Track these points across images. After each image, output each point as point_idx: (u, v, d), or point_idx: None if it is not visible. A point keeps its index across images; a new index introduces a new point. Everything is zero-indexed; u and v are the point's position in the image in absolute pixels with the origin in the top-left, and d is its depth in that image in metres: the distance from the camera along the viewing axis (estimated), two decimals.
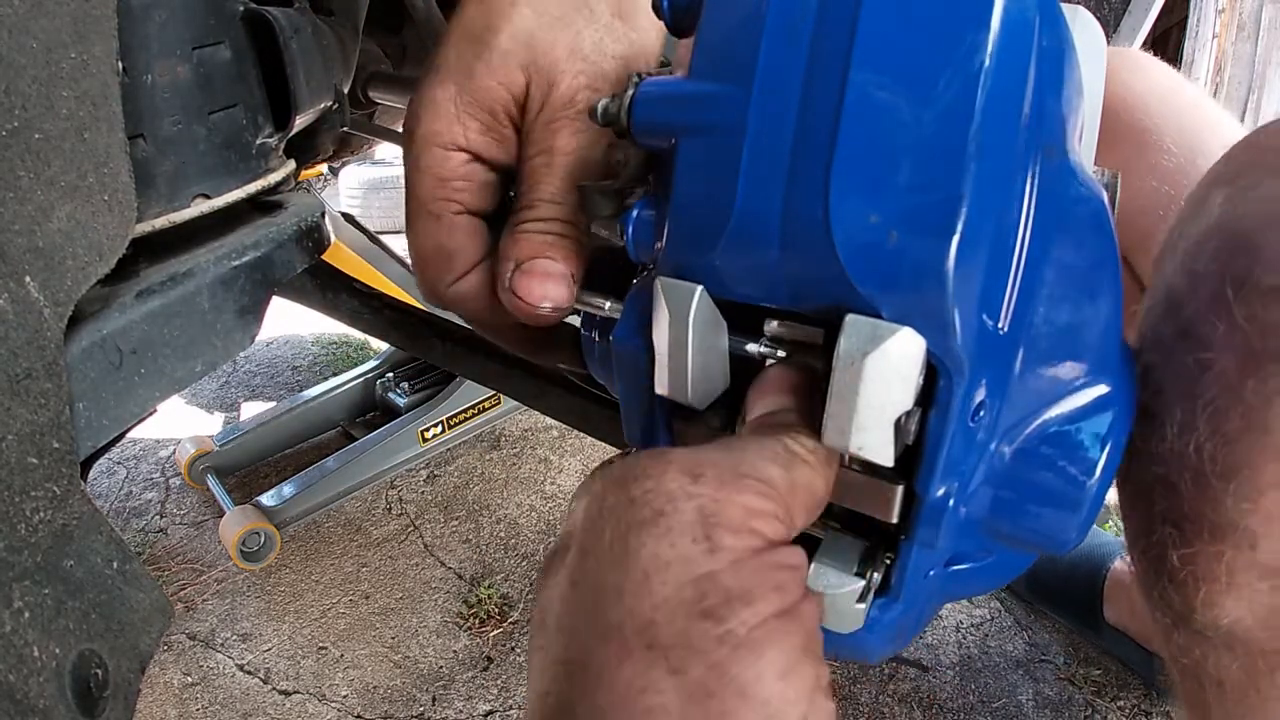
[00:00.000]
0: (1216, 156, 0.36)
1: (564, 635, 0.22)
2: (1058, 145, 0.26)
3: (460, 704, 1.05)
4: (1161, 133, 0.66)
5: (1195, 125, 0.66)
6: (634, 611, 0.20)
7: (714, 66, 0.26)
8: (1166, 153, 0.65)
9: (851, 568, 0.28)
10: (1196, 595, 0.32)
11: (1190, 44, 2.75)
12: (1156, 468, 0.32)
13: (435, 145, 0.34)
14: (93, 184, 0.30)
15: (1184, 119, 0.66)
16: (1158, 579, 0.34)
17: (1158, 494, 0.32)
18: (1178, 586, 0.32)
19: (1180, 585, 0.32)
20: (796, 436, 0.25)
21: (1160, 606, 0.35)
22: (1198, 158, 0.64)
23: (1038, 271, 0.26)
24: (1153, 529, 0.33)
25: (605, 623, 0.21)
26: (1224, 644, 0.34)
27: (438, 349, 0.72)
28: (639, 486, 0.22)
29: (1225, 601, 0.31)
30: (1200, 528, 0.31)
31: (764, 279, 0.26)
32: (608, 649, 0.20)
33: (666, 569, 0.21)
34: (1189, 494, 0.31)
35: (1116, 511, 1.30)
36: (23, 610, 0.26)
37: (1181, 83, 0.70)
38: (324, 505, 1.39)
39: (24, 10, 0.26)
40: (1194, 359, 0.30)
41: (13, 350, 0.26)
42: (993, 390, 0.26)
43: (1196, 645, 0.35)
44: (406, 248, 0.38)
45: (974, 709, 1.01)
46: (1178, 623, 0.35)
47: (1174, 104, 0.67)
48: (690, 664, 0.20)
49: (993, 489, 0.29)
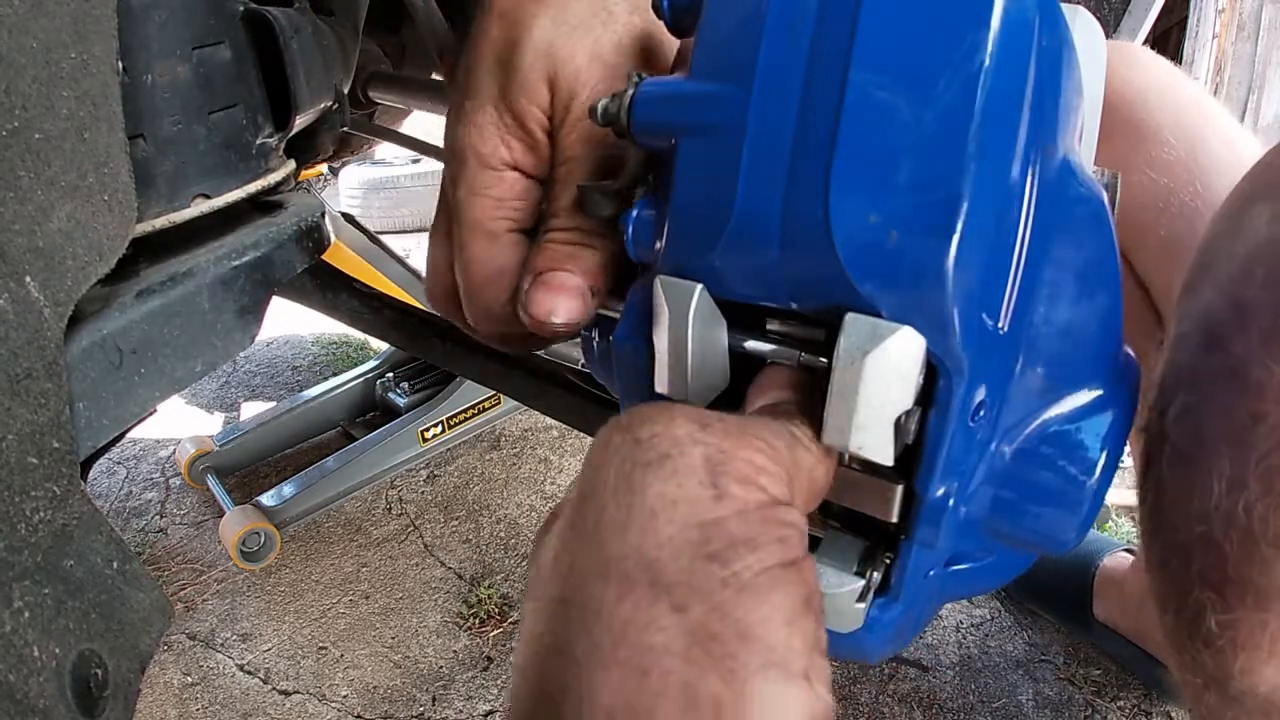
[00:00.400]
0: (1217, 151, 0.35)
1: (560, 576, 0.21)
2: (1058, 145, 0.26)
3: (460, 704, 1.05)
4: (1160, 126, 0.65)
5: (1195, 119, 0.65)
6: (639, 548, 0.20)
7: (714, 66, 0.26)
8: (1165, 145, 0.64)
9: (851, 567, 0.28)
10: (1235, 662, 0.30)
11: (1190, 44, 2.75)
12: (1198, 525, 0.30)
13: (488, 168, 0.34)
14: (93, 184, 0.30)
15: (1183, 113, 0.66)
16: (1191, 641, 0.32)
17: (1197, 552, 0.30)
18: (1214, 652, 0.31)
19: (1218, 651, 0.31)
20: (799, 424, 0.25)
21: (1191, 668, 0.33)
22: (1198, 151, 0.63)
23: (1038, 271, 0.26)
24: (1189, 589, 0.31)
25: (605, 558, 0.20)
26: (1260, 710, 0.32)
27: (438, 349, 0.72)
28: (646, 430, 0.22)
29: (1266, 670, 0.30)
30: (1244, 593, 0.29)
31: (764, 279, 0.26)
32: (608, 586, 0.20)
33: (673, 508, 0.21)
34: (1234, 556, 0.28)
35: (1116, 512, 1.31)
36: (23, 610, 0.26)
37: (1180, 78, 0.69)
38: (324, 505, 1.39)
39: (24, 10, 0.26)
40: (1246, 408, 0.27)
41: (13, 350, 0.26)
42: (993, 390, 0.26)
43: (1229, 709, 0.33)
44: (440, 269, 0.37)
45: (974, 709, 1.01)
46: (1209, 684, 0.33)
47: (1172, 98, 0.67)
48: (693, 603, 0.19)
49: (992, 489, 0.29)
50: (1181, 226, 0.63)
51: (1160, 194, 0.63)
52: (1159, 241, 0.63)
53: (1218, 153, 0.64)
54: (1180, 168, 0.63)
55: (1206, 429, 0.29)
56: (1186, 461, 0.30)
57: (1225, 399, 0.29)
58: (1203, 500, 0.29)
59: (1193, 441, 0.30)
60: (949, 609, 1.16)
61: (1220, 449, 0.29)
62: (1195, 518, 0.30)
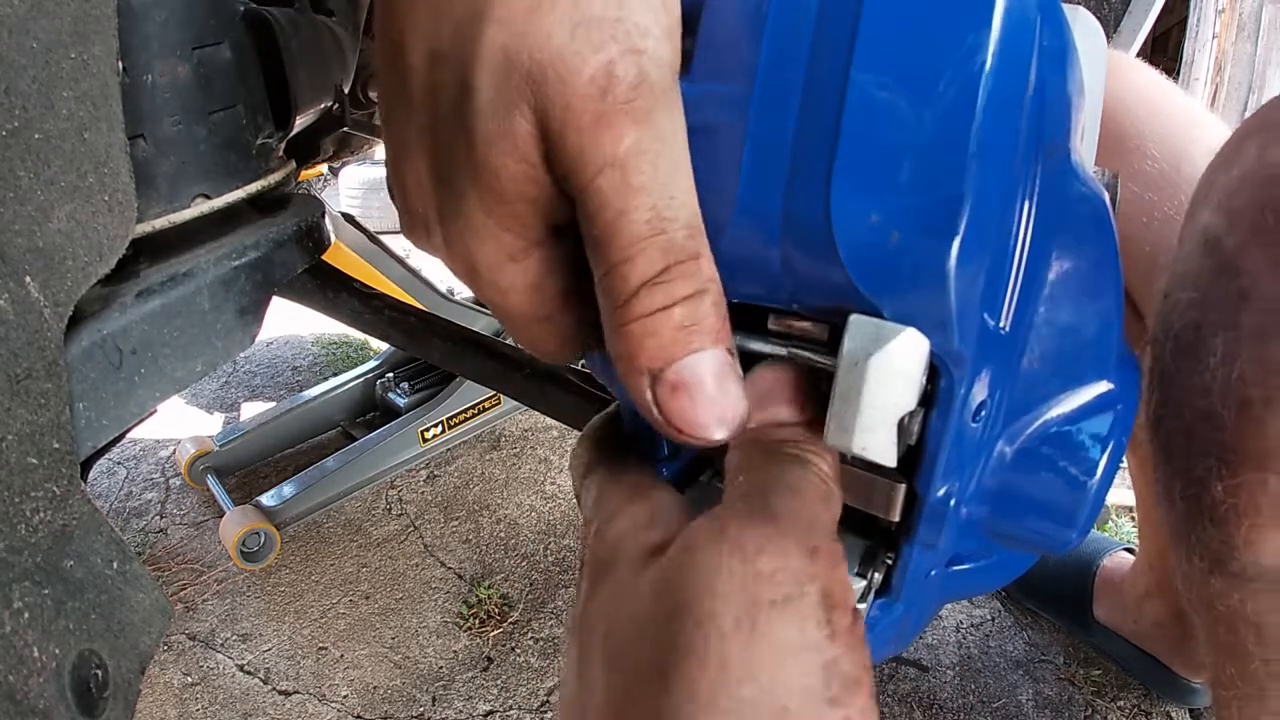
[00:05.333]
0: (1201, 165, 0.37)
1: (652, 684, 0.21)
2: (1059, 145, 0.26)
3: (460, 704, 1.05)
4: (1144, 138, 0.65)
5: (1179, 131, 0.65)
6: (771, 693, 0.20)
7: (715, 67, 0.26)
8: (1149, 158, 0.64)
9: (852, 568, 0.28)
10: (1239, 531, 0.32)
11: (1190, 44, 2.74)
12: (1198, 401, 0.32)
13: None
14: (93, 184, 0.30)
15: (1168, 124, 0.66)
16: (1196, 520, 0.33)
17: (1199, 428, 0.32)
18: (1218, 524, 0.32)
19: (1221, 522, 0.32)
20: (818, 455, 0.25)
21: (1197, 550, 0.34)
22: (1182, 164, 0.63)
23: (1039, 271, 0.26)
24: (1192, 466, 0.33)
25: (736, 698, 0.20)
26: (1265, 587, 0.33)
27: (438, 349, 0.72)
28: (766, 562, 0.21)
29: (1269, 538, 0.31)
30: (1244, 456, 0.30)
31: (765, 279, 0.26)
32: None
33: (801, 654, 0.21)
34: (1233, 423, 0.30)
35: (1116, 512, 1.31)
36: (23, 611, 0.26)
37: (1166, 88, 0.69)
38: (324, 505, 1.39)
39: (24, 10, 0.26)
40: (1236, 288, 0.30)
41: (13, 350, 0.26)
42: (994, 390, 0.26)
43: (1235, 590, 0.35)
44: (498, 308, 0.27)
45: (974, 709, 1.01)
46: (1215, 567, 0.35)
47: (1158, 109, 0.67)
48: None
49: (994, 489, 0.29)
50: (1164, 239, 0.62)
51: (1144, 207, 0.63)
52: (1143, 256, 0.63)
53: (1201, 166, 0.63)
54: (1163, 180, 0.63)
55: (1204, 318, 0.32)
56: (1187, 350, 0.32)
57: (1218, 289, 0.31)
58: (1201, 378, 0.31)
59: (1192, 331, 0.32)
60: (949, 609, 1.16)
61: (1216, 331, 0.31)
62: (1197, 394, 0.32)
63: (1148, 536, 0.96)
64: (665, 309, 0.22)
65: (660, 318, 0.22)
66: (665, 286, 0.22)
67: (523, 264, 0.24)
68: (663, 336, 0.22)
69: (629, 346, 0.22)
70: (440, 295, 1.57)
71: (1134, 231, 0.63)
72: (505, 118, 0.21)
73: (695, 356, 0.22)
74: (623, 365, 0.23)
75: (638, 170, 0.22)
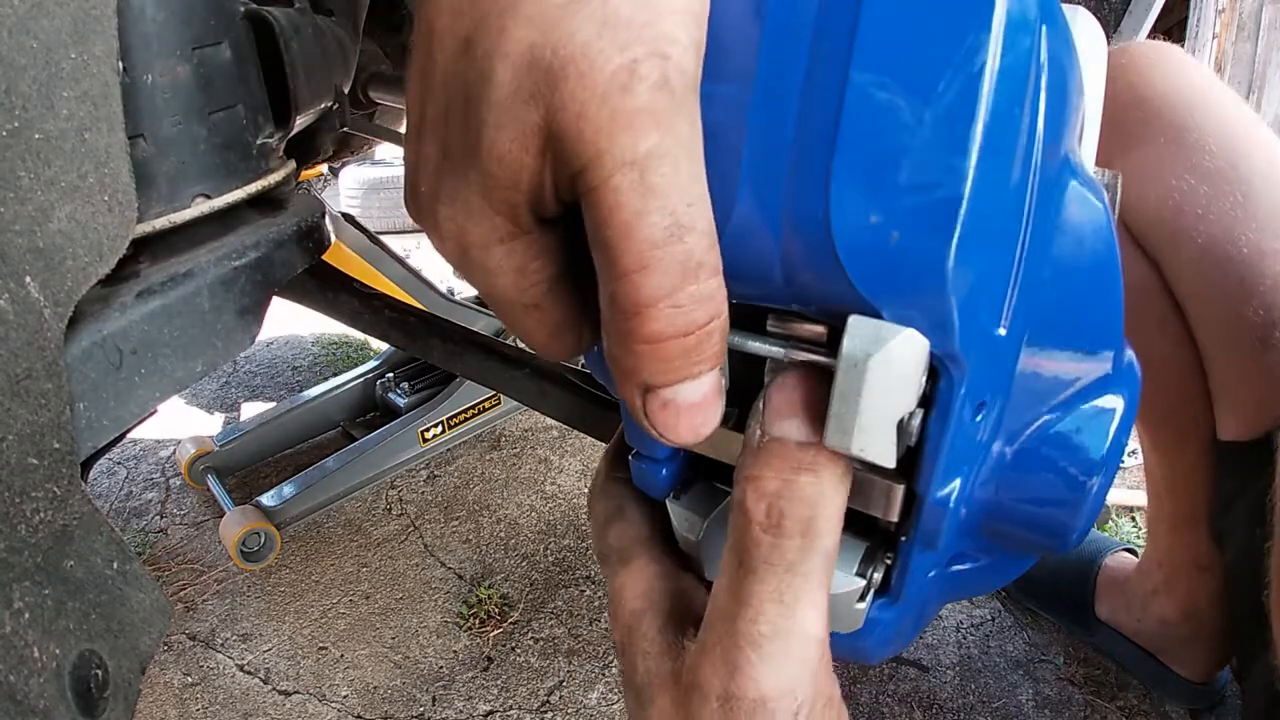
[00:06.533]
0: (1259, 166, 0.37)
1: None
2: (1058, 145, 0.26)
3: (460, 704, 1.05)
4: (1203, 132, 0.66)
5: (1238, 130, 0.67)
6: None
7: (714, 67, 0.26)
8: (1208, 154, 0.65)
9: (851, 568, 0.28)
10: None
11: (1190, 44, 2.74)
12: None
13: None
14: (93, 184, 0.30)
15: (1227, 123, 0.67)
16: None
17: None
18: None
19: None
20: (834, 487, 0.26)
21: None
22: (1239, 163, 0.65)
23: (1038, 272, 0.26)
24: None
25: None
26: None
27: (438, 349, 0.72)
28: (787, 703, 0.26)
29: None
30: None
31: (764, 279, 0.26)
32: None
33: None
34: None
35: (1116, 512, 1.31)
36: (23, 611, 0.26)
37: (1222, 86, 0.71)
38: (324, 505, 1.39)
39: (24, 10, 0.26)
40: None
41: (13, 350, 0.26)
42: (993, 391, 0.26)
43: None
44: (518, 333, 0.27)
45: (974, 709, 1.01)
46: None
47: (1216, 106, 0.68)
48: None
49: (994, 489, 0.29)
50: (1219, 233, 0.64)
51: (1200, 200, 0.65)
52: (1195, 248, 0.65)
53: (1260, 168, 0.66)
54: (1220, 177, 0.64)
55: None
56: None
57: None
58: None
59: None
60: (949, 609, 1.16)
61: None
62: None
63: (1158, 533, 0.96)
64: (678, 338, 0.22)
65: (672, 345, 0.22)
66: (683, 313, 0.22)
67: (509, 246, 0.24)
68: (670, 362, 0.22)
69: (633, 363, 0.22)
70: (440, 295, 1.57)
71: (1188, 223, 0.65)
72: (518, 107, 0.21)
73: (693, 381, 0.23)
74: (620, 374, 0.23)
75: (658, 172, 0.21)
